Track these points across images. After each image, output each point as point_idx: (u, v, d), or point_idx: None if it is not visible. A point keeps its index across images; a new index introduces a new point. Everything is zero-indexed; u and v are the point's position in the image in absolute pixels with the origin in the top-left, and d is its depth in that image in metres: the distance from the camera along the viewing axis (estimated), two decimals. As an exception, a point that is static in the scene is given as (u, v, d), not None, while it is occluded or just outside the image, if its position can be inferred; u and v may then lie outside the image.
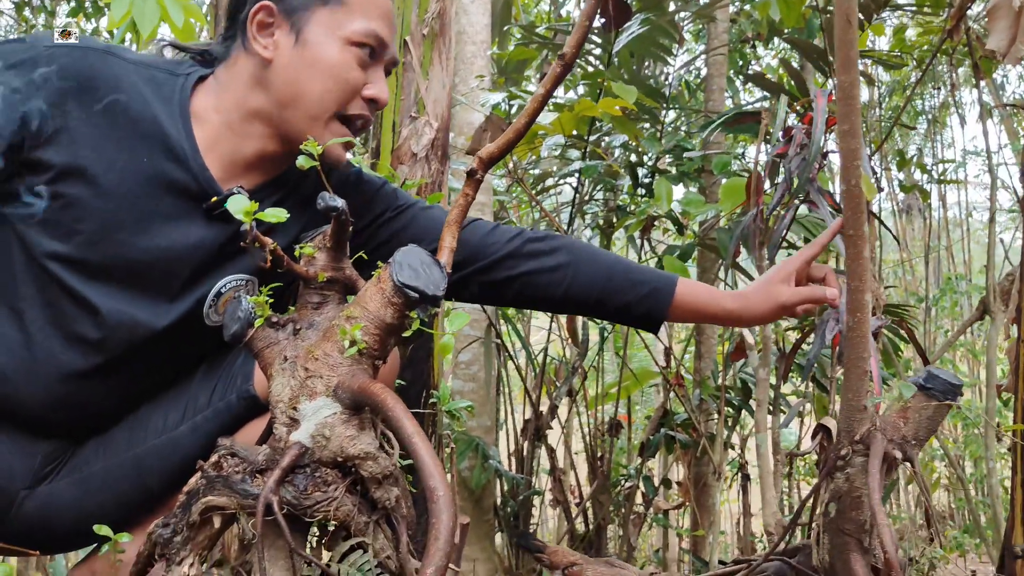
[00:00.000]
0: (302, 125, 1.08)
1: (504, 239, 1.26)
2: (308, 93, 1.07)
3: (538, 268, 1.25)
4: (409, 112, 1.56)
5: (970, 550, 5.77)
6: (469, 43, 3.57)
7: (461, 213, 0.85)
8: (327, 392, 0.79)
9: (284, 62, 1.08)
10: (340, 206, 0.79)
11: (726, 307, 1.27)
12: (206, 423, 1.06)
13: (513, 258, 1.26)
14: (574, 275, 1.26)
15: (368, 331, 0.79)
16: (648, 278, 1.29)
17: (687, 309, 1.29)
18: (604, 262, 1.29)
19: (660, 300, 1.27)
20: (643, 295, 1.27)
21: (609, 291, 1.27)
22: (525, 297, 1.28)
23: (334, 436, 0.77)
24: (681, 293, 1.28)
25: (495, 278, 1.26)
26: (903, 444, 1.02)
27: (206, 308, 1.08)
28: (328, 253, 0.84)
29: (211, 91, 1.11)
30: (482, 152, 0.85)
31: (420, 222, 1.23)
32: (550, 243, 1.28)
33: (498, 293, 1.28)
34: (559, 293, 1.26)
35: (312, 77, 1.07)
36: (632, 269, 1.30)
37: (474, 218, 1.27)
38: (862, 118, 2.54)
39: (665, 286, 1.28)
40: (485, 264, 1.24)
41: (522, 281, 1.26)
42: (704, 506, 3.77)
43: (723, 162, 2.81)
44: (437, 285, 0.78)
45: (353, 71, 1.09)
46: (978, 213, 8.54)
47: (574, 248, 1.29)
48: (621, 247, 4.86)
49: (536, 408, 3.64)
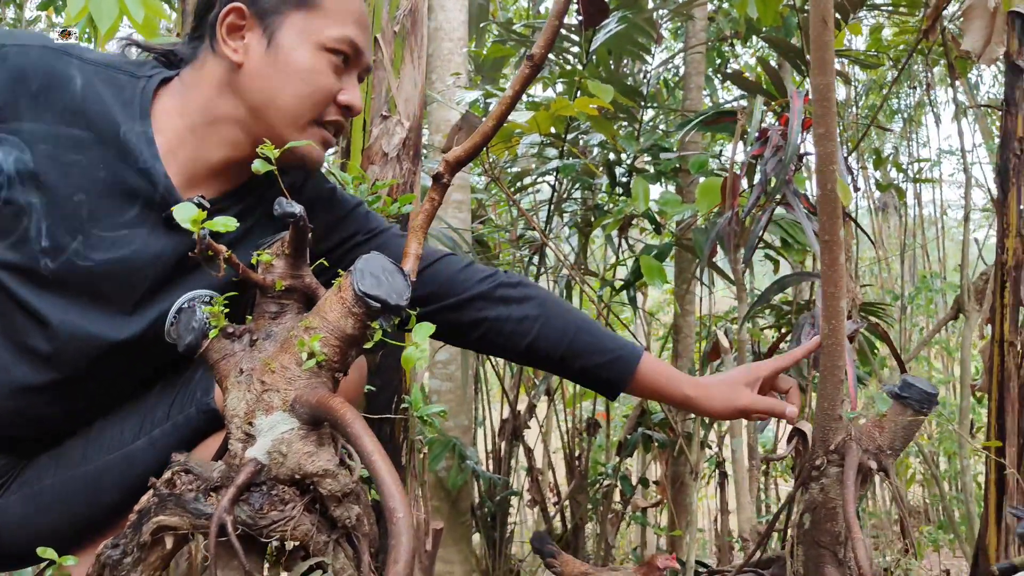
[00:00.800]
0: (279, 130, 1.05)
1: (476, 278, 1.23)
2: (281, 99, 1.04)
3: (506, 316, 1.22)
4: (380, 111, 1.52)
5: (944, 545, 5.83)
6: (446, 40, 3.53)
7: (427, 218, 0.82)
8: (284, 407, 0.75)
9: (255, 67, 1.04)
10: (298, 212, 0.75)
11: (684, 392, 1.25)
12: (164, 437, 1.02)
13: (483, 300, 1.22)
14: (541, 329, 1.23)
15: (328, 342, 0.76)
16: (614, 345, 1.26)
17: (646, 385, 1.26)
18: (572, 321, 1.26)
19: (622, 370, 1.25)
20: (606, 362, 1.25)
21: (573, 351, 1.24)
22: (487, 343, 1.25)
23: (291, 453, 0.74)
24: (643, 368, 1.25)
25: (461, 319, 1.22)
26: (878, 454, 1.01)
27: (167, 325, 1.04)
28: (286, 261, 0.81)
29: (175, 94, 1.07)
30: (448, 156, 0.81)
31: (393, 248, 1.16)
32: (522, 291, 1.25)
33: (461, 334, 1.25)
34: (522, 345, 1.23)
35: (285, 83, 1.04)
36: (599, 333, 1.27)
37: (447, 252, 1.25)
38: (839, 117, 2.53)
39: (629, 357, 1.25)
40: (453, 303, 1.21)
41: (488, 326, 1.23)
42: (681, 505, 3.77)
43: (700, 162, 2.80)
44: (400, 294, 0.75)
45: (327, 77, 1.06)
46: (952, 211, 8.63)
47: (545, 302, 1.25)
48: (599, 246, 4.85)
49: (514, 408, 3.62)
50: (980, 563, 2.45)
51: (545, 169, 3.30)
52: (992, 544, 2.36)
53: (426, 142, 3.58)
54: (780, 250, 2.66)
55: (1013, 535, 2.32)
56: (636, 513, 3.95)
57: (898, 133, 5.95)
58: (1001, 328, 2.37)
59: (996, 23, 2.49)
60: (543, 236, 2.92)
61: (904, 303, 5.80)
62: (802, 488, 1.06)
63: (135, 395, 1.09)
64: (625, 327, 4.55)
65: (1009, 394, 2.33)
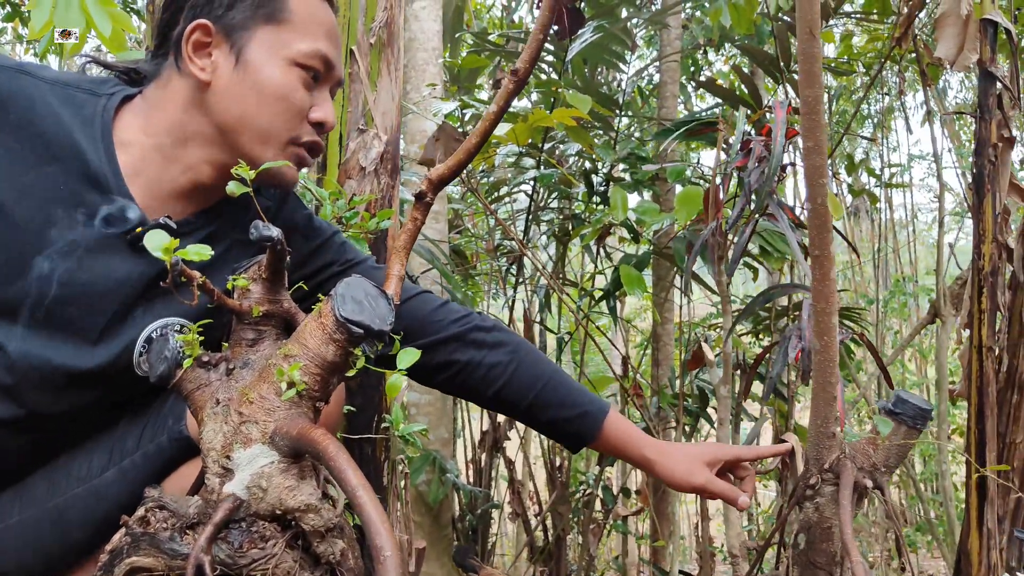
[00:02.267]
0: (253, 150, 1.01)
1: (450, 319, 1.21)
2: (253, 119, 1.00)
3: (478, 361, 1.20)
4: (357, 125, 1.49)
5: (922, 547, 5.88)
6: (420, 50, 3.52)
7: (410, 239, 0.79)
8: (263, 439, 0.72)
9: (224, 85, 1.00)
10: (275, 235, 0.72)
11: (645, 455, 1.24)
12: (134, 468, 0.97)
13: (456, 342, 1.20)
14: (510, 378, 1.21)
15: (308, 371, 0.72)
16: (582, 400, 1.25)
17: (610, 442, 1.25)
18: (543, 372, 1.24)
19: (588, 426, 1.24)
20: (573, 416, 1.24)
21: (541, 403, 1.23)
22: (455, 385, 1.23)
23: (272, 487, 0.71)
24: (608, 427, 1.24)
25: (431, 360, 1.19)
26: (873, 472, 0.99)
27: (136, 357, 0.99)
28: (264, 285, 0.77)
29: (139, 112, 1.02)
30: (431, 174, 0.79)
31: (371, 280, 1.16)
32: (495, 336, 1.23)
33: (429, 375, 1.22)
34: (490, 392, 1.22)
35: (256, 102, 1.00)
36: (568, 387, 1.25)
37: (422, 289, 1.22)
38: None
39: (596, 413, 1.24)
40: (426, 343, 1.17)
41: (457, 369, 1.21)
42: (663, 514, 3.76)
43: (678, 171, 2.79)
44: (384, 319, 0.72)
45: (299, 94, 1.02)
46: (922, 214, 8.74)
47: (518, 349, 1.24)
48: (576, 254, 4.84)
49: (494, 420, 3.59)
50: (963, 567, 2.46)
51: (522, 179, 3.28)
52: (975, 548, 2.37)
53: (402, 153, 3.55)
54: (759, 257, 2.67)
55: (995, 539, 2.33)
56: (617, 522, 3.94)
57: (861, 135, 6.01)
58: (979, 333, 2.39)
59: (969, 31, 2.52)
60: (521, 246, 2.90)
61: (879, 307, 5.86)
62: (796, 507, 1.04)
63: (104, 425, 1.04)
64: (603, 334, 4.54)
65: (988, 399, 2.34)
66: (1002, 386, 2.40)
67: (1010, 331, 2.43)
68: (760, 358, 1.97)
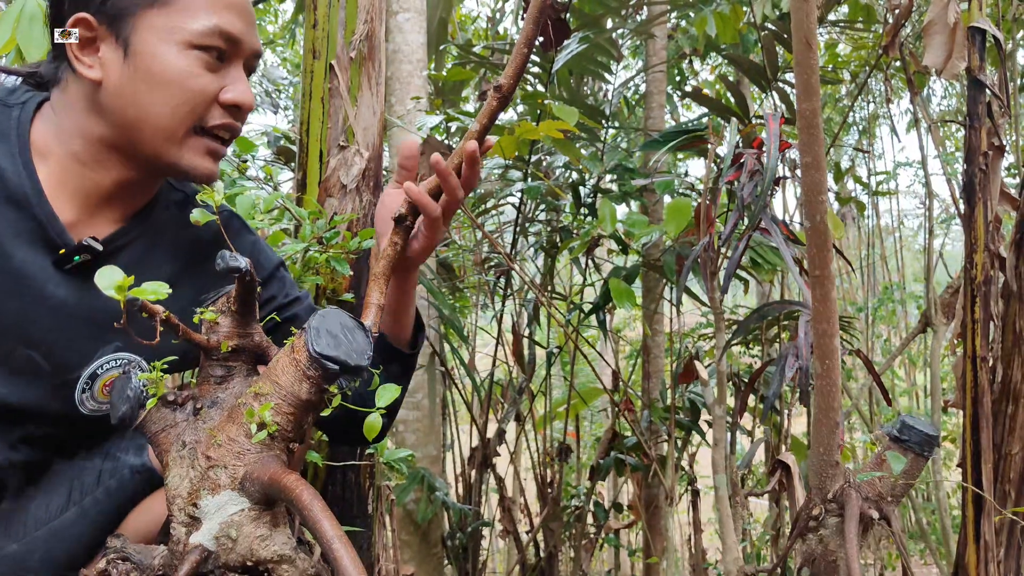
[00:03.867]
0: (156, 149, 0.93)
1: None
2: (151, 113, 0.91)
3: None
4: (337, 141, 1.44)
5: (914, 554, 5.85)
6: (405, 62, 3.48)
7: (390, 265, 0.75)
8: (233, 485, 0.67)
9: (116, 81, 0.91)
10: (243, 266, 0.67)
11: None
12: (96, 506, 0.91)
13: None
14: None
15: (280, 410, 0.68)
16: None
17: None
18: None
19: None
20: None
21: None
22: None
23: (242, 537, 0.66)
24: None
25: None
26: (879, 501, 0.95)
27: (78, 394, 0.92)
28: (233, 318, 0.72)
29: (49, 120, 0.95)
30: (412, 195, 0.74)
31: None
32: None
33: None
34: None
35: (152, 94, 0.91)
36: None
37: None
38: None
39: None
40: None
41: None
42: (656, 529, 3.71)
43: (666, 183, 2.76)
44: (361, 353, 0.67)
45: (200, 79, 0.93)
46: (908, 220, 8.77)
47: None
48: (564, 266, 4.80)
49: (483, 435, 3.54)
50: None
51: (509, 191, 3.24)
52: (972, 562, 2.33)
53: (386, 167, 3.51)
54: (750, 269, 2.63)
55: (992, 552, 2.30)
56: (609, 536, 3.89)
57: (854, 146, 6.02)
58: (973, 344, 2.36)
59: (957, 38, 2.50)
60: (508, 259, 2.86)
61: (868, 314, 5.85)
62: (799, 540, 1.00)
63: (56, 461, 0.97)
64: (591, 346, 4.50)
65: (983, 409, 2.31)
66: (996, 397, 2.37)
67: (1003, 341, 2.40)
68: (755, 377, 1.94)
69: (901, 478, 0.95)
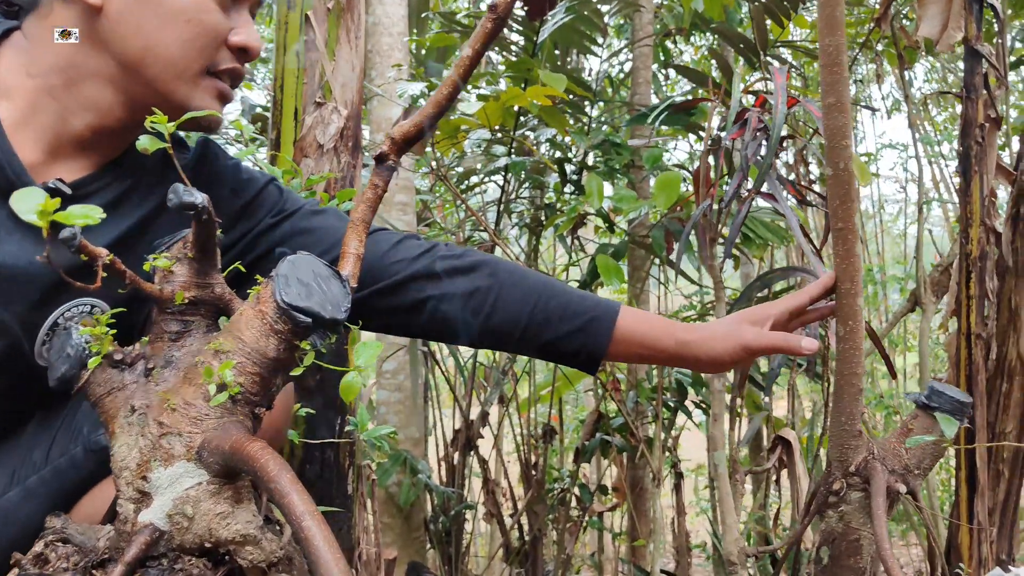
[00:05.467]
0: (166, 87, 0.85)
1: (411, 255, 1.03)
2: (161, 47, 0.83)
3: (452, 291, 1.02)
4: (314, 98, 1.35)
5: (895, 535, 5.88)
6: (385, 35, 3.39)
7: (370, 210, 0.66)
8: (188, 455, 0.58)
9: (120, 9, 0.83)
10: (199, 202, 0.58)
11: (678, 337, 1.03)
12: (43, 486, 0.82)
13: (422, 278, 1.02)
14: (496, 300, 1.02)
15: (244, 369, 0.59)
16: (585, 306, 1.05)
17: (632, 343, 1.05)
18: (532, 285, 1.05)
19: (599, 333, 1.04)
20: (578, 327, 1.04)
21: (540, 320, 1.03)
22: (436, 326, 1.04)
23: (199, 514, 0.57)
24: (624, 324, 1.04)
25: (399, 303, 1.01)
26: (906, 474, 0.88)
27: (38, 345, 0.84)
28: (190, 265, 0.63)
29: (20, 49, 0.85)
30: (394, 131, 0.66)
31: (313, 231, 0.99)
32: (467, 259, 1.05)
33: (403, 322, 1.04)
34: (478, 322, 1.03)
35: (163, 26, 0.83)
36: (566, 295, 1.06)
37: (378, 227, 1.05)
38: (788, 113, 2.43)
39: (605, 315, 1.04)
40: (387, 285, 1.00)
41: (433, 306, 1.02)
42: (641, 511, 3.67)
43: (654, 156, 2.69)
44: (337, 304, 0.58)
45: (214, 15, 0.86)
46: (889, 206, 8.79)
47: (496, 268, 1.05)
48: (548, 247, 4.72)
49: (466, 417, 3.47)
50: (952, 560, 2.39)
51: (493, 167, 3.16)
52: (964, 543, 2.30)
53: (366, 140, 3.41)
54: (740, 245, 2.57)
55: (986, 532, 2.26)
56: (594, 518, 3.85)
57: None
58: (967, 321, 2.32)
59: (953, 7, 2.44)
60: (493, 236, 2.78)
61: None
62: (816, 516, 0.93)
63: (4, 436, 0.88)
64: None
65: (977, 387, 2.27)
66: (991, 375, 2.33)
67: (998, 318, 2.36)
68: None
69: (929, 448, 0.88)
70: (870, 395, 4.92)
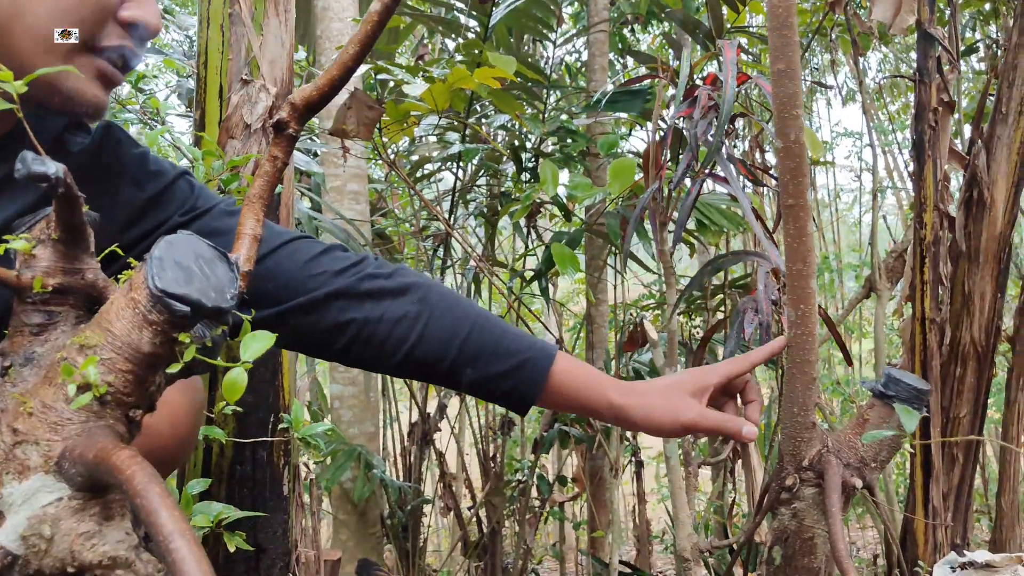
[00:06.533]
0: (31, 60, 0.73)
1: (335, 268, 0.94)
2: (31, 15, 0.72)
3: (377, 315, 0.93)
4: (240, 75, 1.26)
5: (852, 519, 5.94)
6: (335, 20, 3.30)
7: (268, 185, 0.59)
8: (47, 466, 0.50)
9: None
10: (52, 173, 0.49)
11: (611, 400, 0.97)
12: None
13: (345, 297, 0.93)
14: (424, 329, 0.94)
15: (114, 366, 0.51)
16: (520, 346, 0.97)
17: (563, 392, 0.99)
18: (465, 316, 0.97)
19: (531, 379, 0.97)
20: (510, 368, 0.96)
21: (468, 356, 0.95)
22: (356, 351, 0.96)
23: (59, 535, 0.49)
24: (559, 372, 0.97)
25: (316, 322, 0.92)
26: (862, 468, 0.83)
27: None
28: (55, 249, 0.55)
29: None
30: (295, 96, 0.58)
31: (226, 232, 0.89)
32: (397, 280, 0.96)
33: (319, 343, 0.94)
34: (402, 351, 0.95)
35: None
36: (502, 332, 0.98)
37: (299, 234, 0.96)
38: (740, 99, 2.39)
39: (540, 359, 0.97)
40: (306, 300, 0.91)
41: (354, 331, 0.93)
42: (600, 501, 3.64)
43: (610, 142, 2.64)
44: (222, 291, 0.51)
45: None
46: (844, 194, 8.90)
47: (428, 293, 0.96)
48: (507, 237, 4.66)
49: (423, 411, 3.41)
50: (908, 546, 2.39)
51: (447, 154, 3.08)
52: (920, 529, 2.29)
53: (317, 128, 3.31)
54: (694, 232, 2.53)
55: (941, 517, 2.26)
56: (554, 508, 3.82)
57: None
58: (922, 305, 2.31)
59: (906, -9, 2.42)
60: (447, 226, 2.70)
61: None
62: (768, 513, 0.88)
63: None
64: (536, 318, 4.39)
65: (932, 373, 2.26)
66: (945, 359, 2.32)
67: (952, 303, 2.35)
68: (708, 336, 1.83)
69: (887, 440, 0.83)
70: (827, 381, 4.96)
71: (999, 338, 2.30)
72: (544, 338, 4.09)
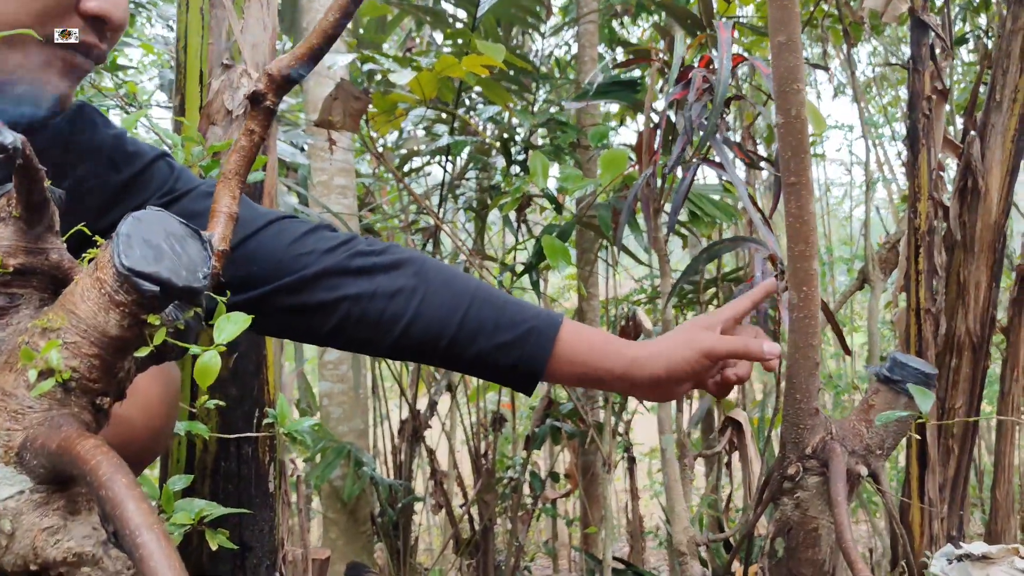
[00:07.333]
0: None
1: (324, 247, 0.89)
2: None
3: (370, 291, 0.88)
4: (221, 59, 1.23)
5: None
6: (321, 12, 3.25)
7: (244, 160, 0.55)
8: (6, 457, 0.47)
9: None
10: (9, 143, 0.46)
11: (627, 354, 0.91)
12: None
13: (336, 274, 0.88)
14: (420, 304, 0.88)
15: (79, 351, 0.48)
16: (524, 315, 0.91)
17: (575, 361, 0.92)
18: (463, 289, 0.91)
19: (538, 346, 0.90)
20: (514, 339, 0.90)
21: (468, 330, 0.89)
22: (347, 331, 0.90)
23: (20, 530, 0.46)
24: (567, 338, 0.91)
25: (306, 301, 0.87)
26: (867, 455, 0.80)
27: None
28: (16, 227, 0.52)
29: None
30: (272, 66, 0.55)
31: (206, 214, 0.87)
32: (389, 256, 0.91)
33: (307, 324, 0.89)
34: (398, 329, 0.89)
35: None
36: (502, 302, 0.92)
37: (284, 214, 0.92)
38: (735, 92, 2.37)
39: (546, 326, 0.91)
40: (294, 280, 0.87)
41: (346, 310, 0.88)
42: (593, 497, 3.62)
43: (601, 133, 2.61)
44: (194, 270, 0.47)
45: None
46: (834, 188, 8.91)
47: (423, 267, 0.91)
48: (498, 231, 4.63)
49: (413, 407, 3.37)
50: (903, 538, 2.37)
51: (435, 147, 3.04)
52: (916, 520, 2.28)
53: (302, 120, 3.27)
54: (687, 223, 2.50)
55: (937, 508, 2.25)
56: (547, 505, 3.80)
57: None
58: (917, 296, 2.29)
59: (899, -22, 2.40)
60: (437, 220, 2.67)
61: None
62: (770, 503, 0.85)
63: None
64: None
65: (928, 363, 2.25)
66: (940, 350, 2.31)
67: (947, 293, 2.34)
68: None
69: (893, 426, 0.80)
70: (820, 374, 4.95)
71: (994, 328, 2.28)
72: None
